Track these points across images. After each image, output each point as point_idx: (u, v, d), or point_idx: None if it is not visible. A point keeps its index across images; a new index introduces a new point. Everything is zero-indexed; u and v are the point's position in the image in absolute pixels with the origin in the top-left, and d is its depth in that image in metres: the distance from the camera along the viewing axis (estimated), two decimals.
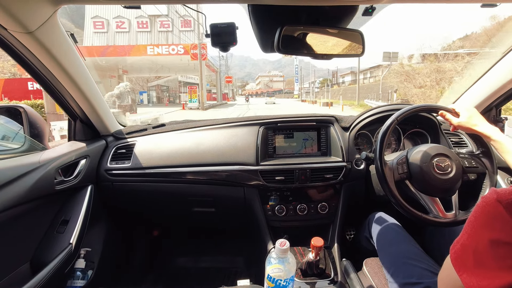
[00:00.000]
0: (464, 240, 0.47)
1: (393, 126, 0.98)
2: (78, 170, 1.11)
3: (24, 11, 0.74)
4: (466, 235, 0.47)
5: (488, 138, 0.86)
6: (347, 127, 1.31)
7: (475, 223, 0.46)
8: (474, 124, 0.88)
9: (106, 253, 1.28)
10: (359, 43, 0.89)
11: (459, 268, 0.46)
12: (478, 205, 0.46)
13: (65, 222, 1.03)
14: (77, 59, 1.02)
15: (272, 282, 0.71)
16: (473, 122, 0.89)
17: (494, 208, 0.42)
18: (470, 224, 0.47)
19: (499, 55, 1.20)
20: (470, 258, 0.45)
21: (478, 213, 0.45)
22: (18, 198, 0.82)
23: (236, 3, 0.82)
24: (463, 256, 0.46)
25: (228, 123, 1.33)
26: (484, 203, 0.44)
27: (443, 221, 0.90)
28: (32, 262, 0.93)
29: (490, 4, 0.84)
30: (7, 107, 1.03)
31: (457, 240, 0.49)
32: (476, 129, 0.88)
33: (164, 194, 1.29)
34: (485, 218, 0.44)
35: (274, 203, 1.23)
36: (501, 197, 0.42)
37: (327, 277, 1.04)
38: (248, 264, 1.64)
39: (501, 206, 0.41)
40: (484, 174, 0.99)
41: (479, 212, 0.45)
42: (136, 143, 1.30)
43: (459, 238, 0.49)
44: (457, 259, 0.47)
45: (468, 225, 0.47)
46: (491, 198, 0.43)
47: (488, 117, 1.38)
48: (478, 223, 0.45)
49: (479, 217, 0.45)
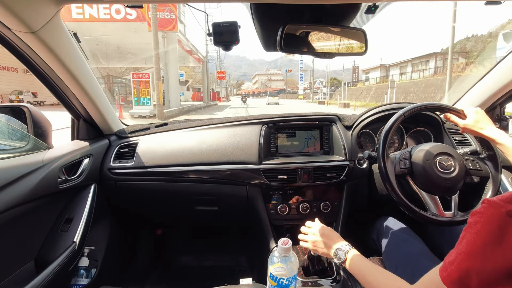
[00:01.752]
0: (461, 260, 0.42)
1: (399, 122, 0.97)
2: (82, 169, 1.12)
3: (28, 11, 0.74)
4: (463, 255, 0.42)
5: (494, 142, 0.85)
6: (349, 126, 1.31)
7: (477, 241, 0.41)
8: (481, 128, 0.87)
9: (109, 251, 1.29)
10: (362, 42, 0.88)
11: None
12: (481, 222, 0.41)
13: (68, 220, 1.04)
14: (80, 59, 1.02)
15: (275, 281, 0.71)
16: (479, 125, 0.87)
17: (505, 222, 0.39)
18: (470, 242, 0.42)
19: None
20: (473, 280, 0.40)
21: (482, 230, 0.41)
22: (23, 197, 0.83)
23: (238, 2, 0.82)
24: (463, 278, 0.42)
25: (231, 122, 1.33)
26: (490, 218, 0.40)
27: (440, 219, 0.89)
28: (37, 260, 0.94)
29: (495, 1, 0.83)
30: (11, 107, 1.04)
31: (451, 262, 0.44)
32: (483, 133, 0.87)
33: (167, 193, 1.29)
34: (494, 235, 0.39)
35: (276, 202, 1.23)
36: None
37: (330, 276, 1.04)
38: (250, 263, 1.64)
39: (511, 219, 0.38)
40: (487, 177, 0.98)
41: (482, 228, 0.41)
42: (139, 142, 1.31)
43: (453, 259, 0.44)
44: (454, 283, 0.42)
45: (467, 244, 0.42)
46: (500, 213, 0.39)
47: (492, 115, 1.37)
48: (482, 241, 0.41)
49: (484, 235, 0.40)
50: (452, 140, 1.25)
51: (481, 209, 0.43)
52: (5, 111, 1.05)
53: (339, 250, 0.77)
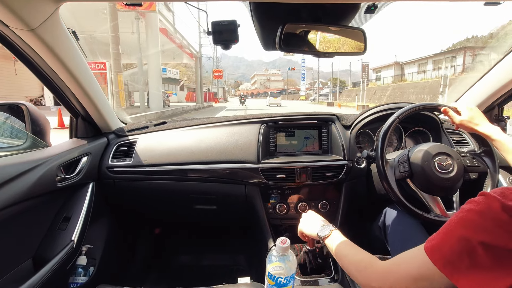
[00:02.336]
0: (453, 243, 0.43)
1: (395, 124, 0.98)
2: (80, 167, 1.12)
3: (26, 9, 0.74)
4: (455, 238, 0.44)
5: (489, 138, 0.86)
6: (348, 126, 1.31)
7: (468, 220, 0.43)
8: (476, 124, 0.88)
9: (107, 250, 1.28)
10: (361, 41, 0.89)
11: (450, 273, 0.43)
12: (474, 210, 0.43)
13: (67, 219, 1.04)
14: (78, 57, 1.02)
15: (273, 280, 0.72)
16: (474, 121, 0.89)
17: (499, 215, 0.40)
18: (463, 228, 0.44)
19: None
20: (466, 262, 0.41)
21: (474, 216, 0.43)
22: (20, 195, 0.83)
23: (238, 1, 0.82)
24: (455, 261, 0.43)
25: (230, 121, 1.33)
26: (484, 209, 0.42)
27: (444, 220, 0.90)
28: (35, 258, 0.93)
29: (494, 2, 0.84)
30: (9, 104, 1.03)
31: (437, 233, 0.47)
32: (477, 129, 0.88)
33: (165, 192, 1.29)
34: (484, 224, 0.41)
35: (275, 201, 1.23)
36: (507, 207, 0.40)
37: (328, 275, 1.04)
38: (249, 262, 1.65)
39: (506, 215, 0.40)
40: (485, 173, 0.98)
41: (475, 215, 0.43)
42: (137, 141, 1.30)
43: (439, 231, 0.46)
44: (446, 265, 0.43)
45: (456, 218, 0.45)
46: (495, 207, 0.41)
47: (490, 116, 1.38)
48: (472, 224, 0.43)
49: (474, 219, 0.43)
50: (450, 140, 1.26)
51: (477, 199, 0.45)
52: (3, 109, 1.04)
53: (325, 227, 0.78)
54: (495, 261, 0.40)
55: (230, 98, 54.80)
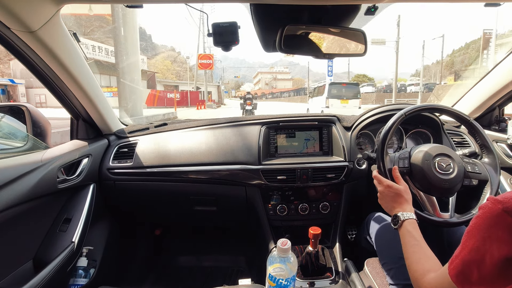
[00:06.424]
0: (465, 254, 0.45)
1: (400, 121, 0.97)
2: (81, 169, 1.12)
3: (27, 11, 0.74)
4: (467, 249, 0.45)
5: None
6: (349, 127, 1.31)
7: (478, 236, 0.44)
8: None
9: (108, 251, 1.28)
10: (362, 43, 0.89)
11: (461, 284, 0.45)
12: (480, 217, 0.44)
13: (67, 220, 1.04)
14: (79, 58, 1.02)
15: (274, 282, 0.71)
16: None
17: (501, 219, 0.40)
18: (472, 237, 0.45)
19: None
20: (475, 273, 0.43)
21: (482, 225, 0.43)
22: (21, 196, 0.83)
23: (238, 2, 0.82)
24: (466, 271, 0.44)
25: (230, 123, 1.33)
26: (488, 214, 0.42)
27: (435, 219, 0.89)
28: (35, 260, 0.93)
29: (494, 3, 0.84)
30: (10, 106, 1.04)
31: (456, 255, 0.48)
32: None
33: (166, 193, 1.29)
34: (491, 230, 0.42)
35: (275, 203, 1.23)
36: (508, 207, 0.40)
37: (328, 277, 1.04)
38: (249, 264, 1.64)
39: (509, 217, 0.40)
40: (486, 181, 0.98)
41: (482, 224, 0.43)
42: (138, 142, 1.30)
43: (458, 253, 0.47)
44: (458, 275, 0.46)
45: (469, 238, 0.45)
46: (496, 209, 0.41)
47: (491, 117, 1.38)
48: (482, 236, 0.43)
49: (484, 230, 0.43)
50: (451, 141, 1.26)
51: (484, 204, 0.46)
52: (4, 111, 1.05)
53: (398, 216, 0.79)
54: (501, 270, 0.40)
55: (229, 100, 44.96)
